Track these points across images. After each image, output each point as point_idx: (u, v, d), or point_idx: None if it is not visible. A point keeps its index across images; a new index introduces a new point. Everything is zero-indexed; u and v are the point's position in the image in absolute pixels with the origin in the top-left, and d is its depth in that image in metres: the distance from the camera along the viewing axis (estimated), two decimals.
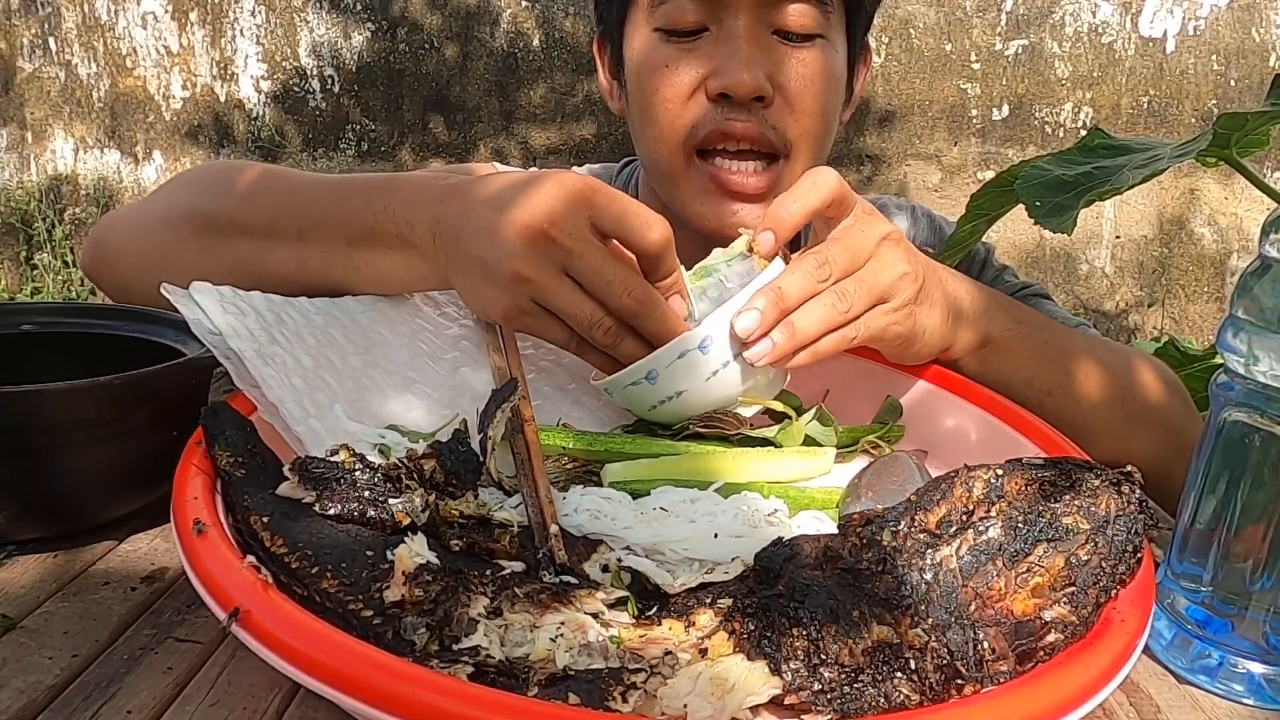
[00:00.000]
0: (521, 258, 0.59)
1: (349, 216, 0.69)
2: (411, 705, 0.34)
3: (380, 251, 0.68)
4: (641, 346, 0.62)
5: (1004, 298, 0.74)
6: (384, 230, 0.67)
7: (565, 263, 0.59)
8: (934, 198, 3.26)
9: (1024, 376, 0.71)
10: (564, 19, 3.28)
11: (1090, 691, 0.39)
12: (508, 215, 0.60)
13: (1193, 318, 3.35)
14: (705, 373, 0.61)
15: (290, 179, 0.76)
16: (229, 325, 0.56)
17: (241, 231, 0.73)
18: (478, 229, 0.61)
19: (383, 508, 0.48)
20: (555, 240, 0.59)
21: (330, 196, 0.72)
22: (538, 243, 0.59)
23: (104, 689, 0.43)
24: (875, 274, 0.63)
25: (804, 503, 0.60)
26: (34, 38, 3.45)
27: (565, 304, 0.60)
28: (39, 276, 3.56)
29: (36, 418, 0.51)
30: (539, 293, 0.60)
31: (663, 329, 0.61)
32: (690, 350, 0.60)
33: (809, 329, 0.61)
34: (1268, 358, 0.46)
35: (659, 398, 0.62)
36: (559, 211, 0.59)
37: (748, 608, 0.44)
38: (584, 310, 0.60)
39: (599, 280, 0.59)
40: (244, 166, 0.78)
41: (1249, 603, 0.49)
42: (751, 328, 0.59)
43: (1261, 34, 3.11)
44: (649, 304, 0.61)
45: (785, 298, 0.60)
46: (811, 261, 0.62)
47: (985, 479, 0.46)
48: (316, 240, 0.70)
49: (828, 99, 0.86)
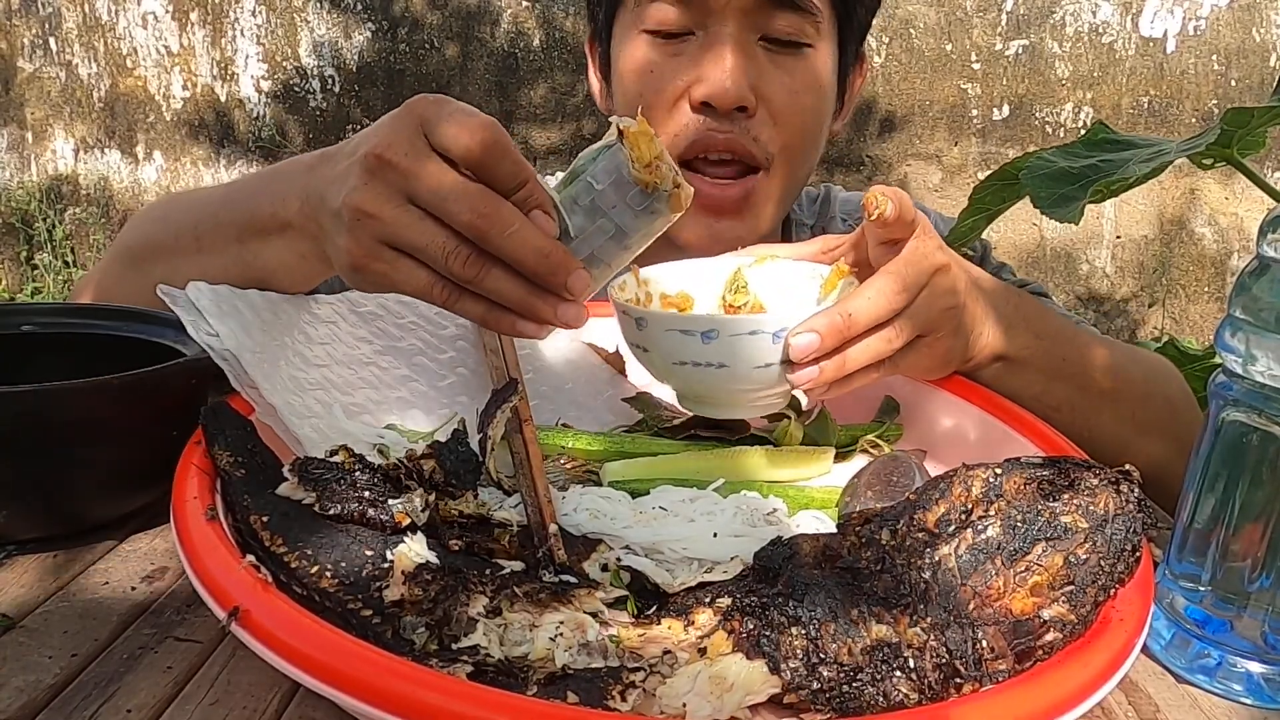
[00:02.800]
0: (359, 189, 0.53)
1: (232, 213, 0.67)
2: (411, 704, 0.34)
3: (263, 241, 0.65)
4: (511, 279, 0.53)
5: (1033, 309, 0.71)
6: (262, 217, 0.64)
7: (405, 188, 0.53)
8: (934, 198, 3.26)
9: (1034, 392, 0.70)
10: (564, 19, 3.28)
11: (1089, 690, 0.39)
12: (353, 153, 0.55)
13: (1193, 318, 3.35)
14: (761, 360, 0.57)
15: (196, 194, 0.76)
16: (225, 326, 0.56)
17: (154, 256, 0.73)
18: (331, 181, 0.56)
19: (382, 508, 0.48)
20: (391, 163, 0.52)
21: (220, 199, 0.70)
22: (374, 169, 0.53)
23: (104, 688, 0.43)
24: (929, 305, 0.61)
25: (803, 502, 0.60)
26: (34, 38, 3.45)
27: (413, 234, 0.52)
28: (39, 276, 3.56)
29: (37, 418, 0.51)
30: (384, 228, 0.53)
31: (517, 247, 0.52)
32: (763, 333, 0.56)
33: (858, 364, 0.58)
34: (1266, 357, 0.46)
35: (699, 359, 0.57)
36: (394, 132, 0.53)
37: (747, 607, 0.44)
38: (434, 238, 0.52)
39: (436, 198, 0.52)
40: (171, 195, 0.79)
41: (1247, 602, 0.49)
42: (807, 352, 0.56)
43: (1262, 34, 3.11)
44: (496, 219, 0.51)
45: (853, 325, 0.57)
46: (893, 284, 0.58)
47: (984, 478, 0.46)
48: (211, 246, 0.68)
49: (813, 110, 0.85)
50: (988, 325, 0.68)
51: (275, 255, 0.64)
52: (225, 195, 0.72)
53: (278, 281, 0.66)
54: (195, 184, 3.49)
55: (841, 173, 3.31)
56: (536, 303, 0.53)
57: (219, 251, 0.67)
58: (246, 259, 0.66)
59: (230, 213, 0.68)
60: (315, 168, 0.61)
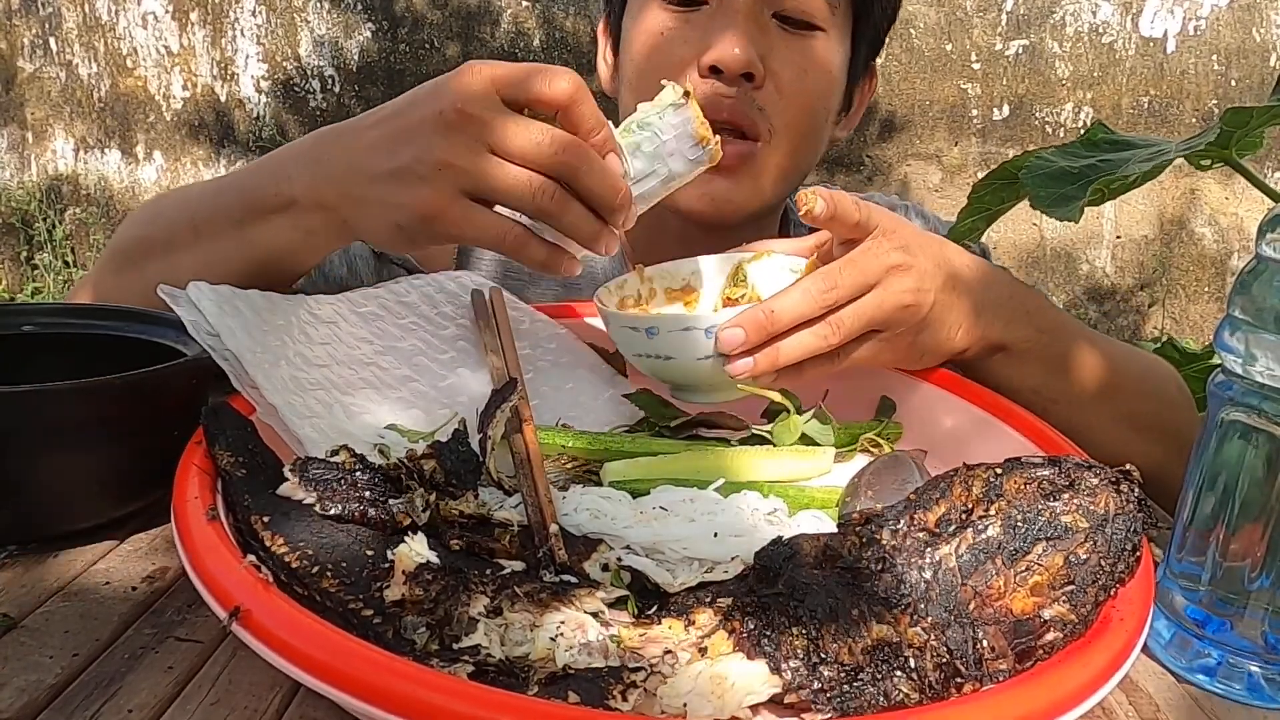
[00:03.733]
0: (441, 145, 0.57)
1: (230, 199, 0.69)
2: (412, 704, 0.34)
3: (264, 222, 0.67)
4: (584, 214, 0.59)
5: (1037, 303, 0.72)
6: (264, 198, 0.66)
7: (487, 139, 0.57)
8: (934, 198, 3.26)
9: (1033, 385, 0.71)
10: (564, 19, 3.28)
11: (1089, 690, 0.39)
12: (410, 117, 0.59)
13: (1193, 318, 3.35)
14: (700, 353, 0.61)
15: (187, 189, 0.77)
16: (226, 326, 0.56)
17: (149, 254, 0.73)
18: (373, 147, 0.60)
19: (383, 508, 0.48)
20: (472, 117, 0.56)
21: (215, 188, 0.73)
22: (455, 124, 0.57)
23: (104, 688, 0.43)
24: (877, 304, 0.62)
25: (804, 502, 0.60)
26: (34, 38, 3.45)
27: (501, 179, 0.57)
28: (40, 276, 3.56)
29: (37, 418, 0.51)
30: (467, 177, 0.57)
31: (604, 184, 0.58)
32: (696, 329, 0.60)
33: (791, 358, 0.61)
34: (1265, 357, 0.46)
35: (648, 351, 0.63)
36: (466, 91, 0.57)
37: (747, 606, 0.44)
38: (521, 179, 0.57)
39: (527, 143, 0.56)
40: (159, 195, 0.81)
41: (1247, 602, 0.49)
42: (734, 346, 0.59)
43: (1262, 34, 3.11)
44: (585, 156, 0.57)
45: (776, 321, 0.60)
46: (819, 283, 0.61)
47: (984, 478, 0.46)
48: (209, 235, 0.70)
49: (820, 92, 0.85)
50: (974, 318, 0.68)
51: (278, 234, 0.66)
52: (219, 185, 0.73)
53: (278, 262, 0.68)
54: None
55: (842, 173, 3.31)
56: (602, 233, 0.60)
57: (218, 238, 0.69)
58: (248, 241, 0.67)
59: (228, 199, 0.69)
60: (327, 145, 0.64)
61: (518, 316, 0.73)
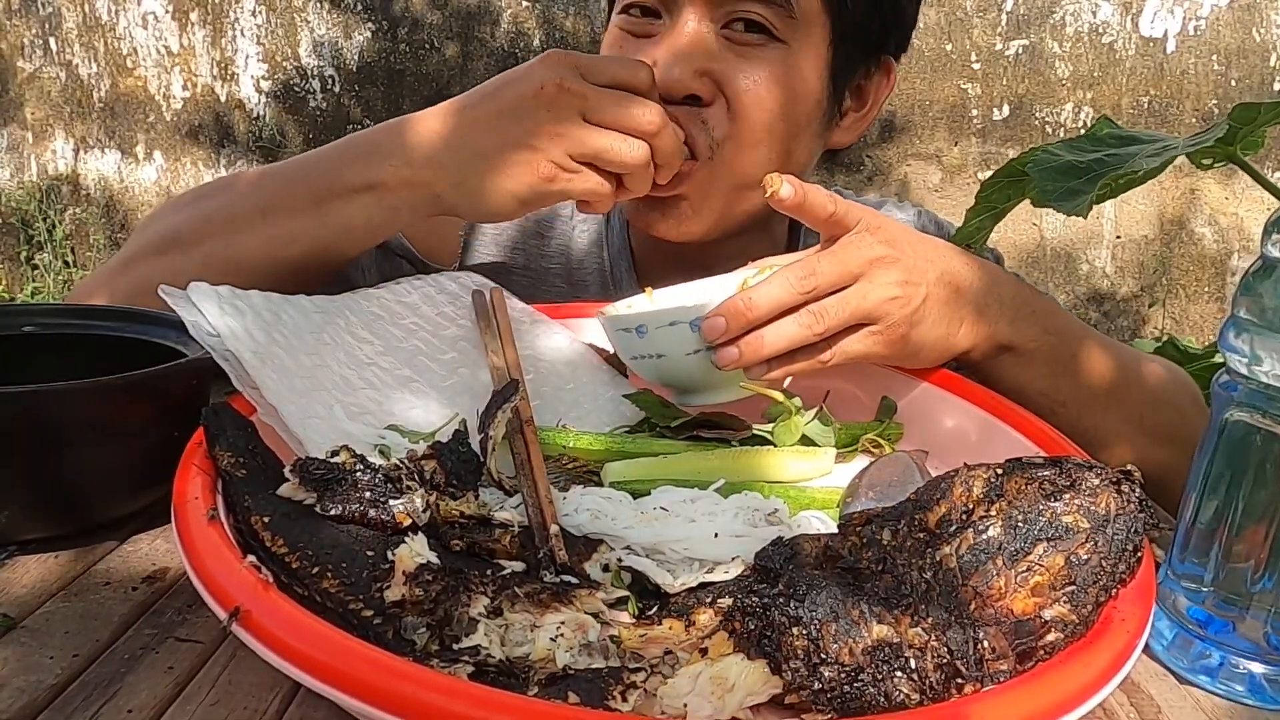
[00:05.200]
0: (548, 117, 0.67)
1: (306, 180, 0.74)
2: (412, 705, 0.34)
3: (346, 201, 0.72)
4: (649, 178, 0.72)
5: (1043, 305, 0.72)
6: (347, 179, 0.72)
7: (583, 109, 0.67)
8: (934, 198, 3.26)
9: (1040, 387, 0.70)
10: (565, 19, 3.28)
11: (1090, 691, 0.39)
12: (510, 95, 0.69)
13: (1193, 318, 3.35)
14: (688, 348, 0.62)
15: (251, 172, 0.80)
16: (227, 326, 0.56)
17: (200, 237, 0.75)
18: (475, 124, 0.70)
19: (383, 508, 0.48)
20: (570, 90, 0.67)
21: (290, 169, 0.77)
22: (557, 98, 0.67)
23: (105, 688, 0.43)
24: (862, 295, 0.62)
25: (804, 502, 0.60)
26: (34, 38, 3.45)
27: (602, 141, 0.68)
28: (39, 276, 3.56)
29: (38, 418, 0.51)
30: (573, 142, 0.67)
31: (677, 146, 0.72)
32: (681, 322, 0.61)
33: (777, 345, 0.61)
34: (1270, 358, 0.46)
35: (642, 351, 0.64)
36: (559, 71, 0.67)
37: (748, 607, 0.44)
38: (616, 140, 0.68)
39: (621, 111, 0.68)
40: (193, 189, 0.84)
41: (1250, 603, 0.49)
42: (716, 334, 0.60)
43: (1262, 34, 3.11)
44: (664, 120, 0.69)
45: (753, 308, 0.60)
46: (796, 272, 0.61)
47: (985, 478, 0.46)
48: (281, 212, 0.73)
49: (775, 108, 0.79)
50: (977, 317, 0.68)
51: (359, 212, 0.72)
52: (292, 167, 0.77)
53: (350, 241, 0.75)
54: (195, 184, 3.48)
55: (842, 173, 3.31)
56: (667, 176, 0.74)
57: (291, 217, 0.73)
58: (322, 220, 0.73)
59: (302, 180, 0.74)
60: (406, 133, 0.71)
61: (518, 317, 0.73)
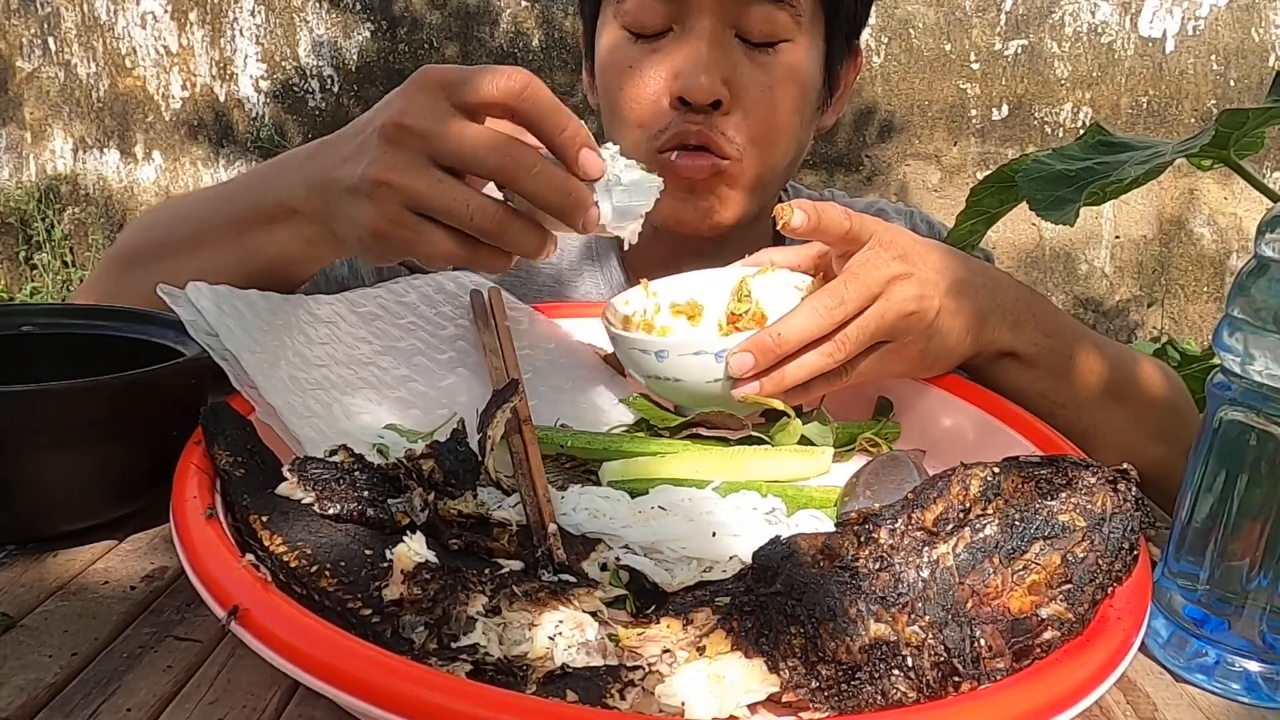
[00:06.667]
0: (380, 159, 0.55)
1: (232, 206, 0.69)
2: (410, 703, 0.34)
3: (266, 230, 0.66)
4: (532, 230, 0.56)
5: (1043, 308, 0.72)
6: (266, 206, 0.66)
7: (428, 150, 0.55)
8: (933, 198, 3.26)
9: (1040, 389, 0.70)
10: (564, 19, 3.29)
11: (1086, 689, 0.39)
12: (366, 130, 0.57)
13: (1192, 318, 3.35)
14: (709, 377, 0.62)
15: (191, 195, 0.78)
16: (225, 326, 0.57)
17: (150, 258, 0.74)
18: (342, 159, 0.59)
19: (381, 507, 0.48)
20: (411, 129, 0.54)
21: (217, 195, 0.73)
22: (394, 137, 0.55)
23: (103, 687, 0.43)
24: (880, 315, 0.62)
25: (802, 501, 0.60)
26: (33, 37, 3.45)
27: (436, 195, 0.55)
28: (38, 276, 3.56)
29: (37, 418, 0.51)
30: (407, 194, 0.55)
31: (548, 186, 0.54)
32: (706, 354, 0.61)
33: (798, 378, 0.61)
34: (1264, 357, 0.46)
35: (659, 374, 0.63)
36: (410, 100, 0.55)
37: (745, 606, 0.44)
38: (457, 196, 0.55)
39: (463, 151, 0.54)
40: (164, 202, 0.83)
41: (1245, 601, 0.49)
42: (743, 371, 0.60)
43: (1261, 34, 3.12)
44: (522, 157, 0.54)
45: (784, 344, 0.60)
46: (825, 302, 0.61)
47: (982, 477, 0.47)
48: (211, 241, 0.70)
49: (789, 104, 0.84)
50: (981, 323, 0.68)
51: (279, 243, 0.66)
52: (222, 192, 0.73)
53: (280, 269, 0.68)
54: (194, 184, 3.49)
55: (842, 173, 3.31)
56: (546, 244, 0.58)
57: (219, 245, 0.69)
58: (249, 249, 0.67)
59: (230, 206, 0.69)
60: (317, 154, 0.63)
61: (517, 316, 0.73)
